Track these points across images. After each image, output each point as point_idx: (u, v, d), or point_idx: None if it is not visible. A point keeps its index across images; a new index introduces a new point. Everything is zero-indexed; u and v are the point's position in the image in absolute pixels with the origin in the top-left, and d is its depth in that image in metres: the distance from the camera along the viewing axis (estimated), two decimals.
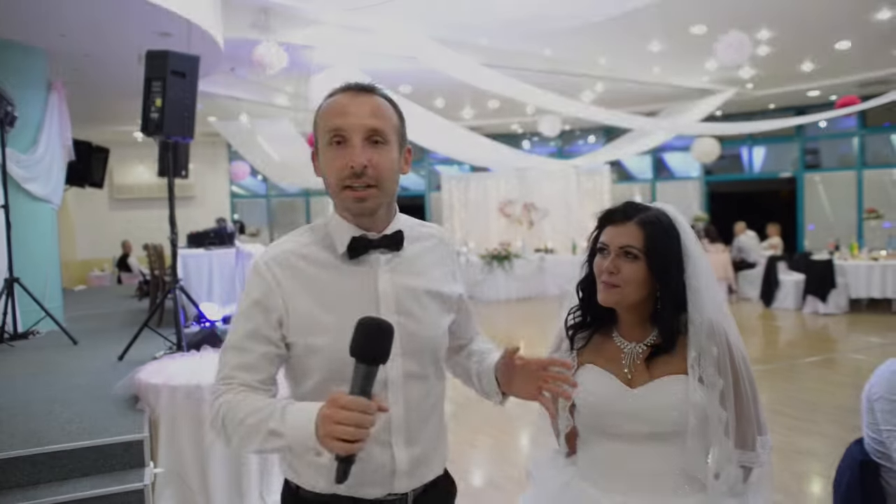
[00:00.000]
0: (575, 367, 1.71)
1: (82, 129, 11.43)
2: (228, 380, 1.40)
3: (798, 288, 10.67)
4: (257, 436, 1.30)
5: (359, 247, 1.44)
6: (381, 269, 1.46)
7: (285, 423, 1.27)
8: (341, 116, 1.39)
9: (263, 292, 1.42)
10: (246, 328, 1.41)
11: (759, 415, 1.62)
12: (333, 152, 1.40)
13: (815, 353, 7.71)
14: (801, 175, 14.13)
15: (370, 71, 8.93)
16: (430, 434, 1.54)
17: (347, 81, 1.46)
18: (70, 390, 4.12)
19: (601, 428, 1.66)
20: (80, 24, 5.94)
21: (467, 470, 4.50)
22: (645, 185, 15.94)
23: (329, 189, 1.44)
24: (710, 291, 1.60)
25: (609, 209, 1.69)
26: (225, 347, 1.44)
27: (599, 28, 8.47)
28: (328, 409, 1.19)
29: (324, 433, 1.19)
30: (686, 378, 1.57)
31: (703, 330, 1.57)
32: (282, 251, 1.45)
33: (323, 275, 1.44)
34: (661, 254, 1.58)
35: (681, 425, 1.56)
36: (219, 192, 15.93)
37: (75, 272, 13.55)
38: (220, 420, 1.36)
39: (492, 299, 12.99)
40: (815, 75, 11.19)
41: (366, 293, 1.44)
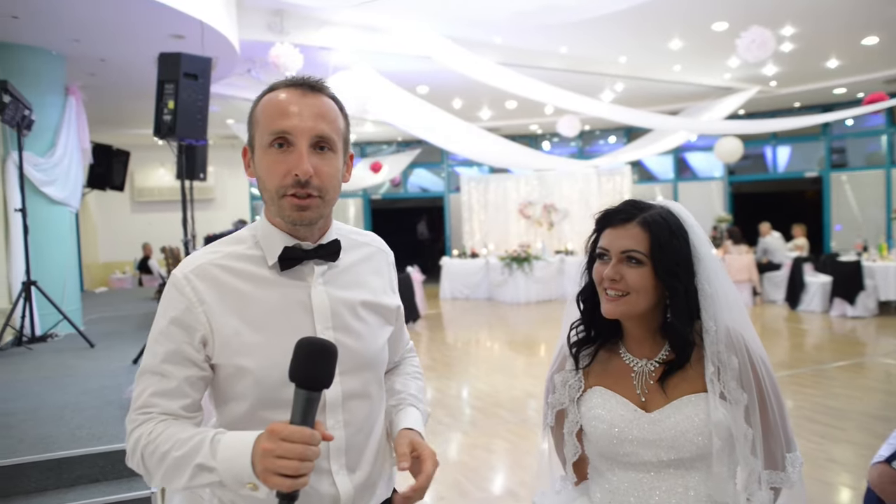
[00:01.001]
0: (581, 389, 1.57)
1: (103, 132, 11.55)
2: (147, 409, 1.25)
3: (825, 290, 10.43)
4: (184, 471, 1.17)
5: (292, 257, 1.32)
6: (315, 282, 1.34)
7: (216, 456, 1.14)
8: (286, 118, 1.26)
9: (183, 309, 1.27)
10: (165, 350, 1.27)
11: (788, 430, 1.46)
12: (275, 156, 1.27)
13: (842, 358, 7.50)
14: (827, 174, 13.85)
15: (386, 72, 8.91)
16: (374, 456, 1.43)
17: (299, 77, 1.33)
18: (82, 395, 4.10)
19: (615, 457, 1.49)
20: (94, 28, 5.96)
21: (484, 476, 4.41)
22: (667, 186, 15.74)
23: (264, 194, 1.31)
24: (726, 296, 1.44)
25: (608, 209, 1.53)
26: (141, 372, 1.29)
27: (618, 25, 8.35)
28: (268, 441, 1.08)
29: (263, 468, 1.08)
30: (706, 396, 1.42)
31: (719, 339, 1.42)
32: (203, 263, 1.31)
33: (250, 288, 1.30)
34: (668, 257, 1.42)
35: (705, 449, 1.41)
36: (239, 195, 15.99)
37: (97, 274, 13.68)
38: (139, 454, 1.23)
39: (511, 301, 12.88)
40: (841, 72, 10.94)
41: (298, 308, 1.32)
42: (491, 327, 10.77)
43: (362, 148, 16.71)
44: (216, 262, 1.31)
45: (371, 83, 8.55)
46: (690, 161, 15.86)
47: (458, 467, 4.50)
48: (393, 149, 16.64)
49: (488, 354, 8.77)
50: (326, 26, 8.01)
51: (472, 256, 14.21)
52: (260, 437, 1.10)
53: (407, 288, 10.65)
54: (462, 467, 4.50)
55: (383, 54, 8.71)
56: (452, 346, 9.31)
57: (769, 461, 1.45)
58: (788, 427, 1.47)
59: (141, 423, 1.25)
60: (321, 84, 1.32)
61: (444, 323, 11.37)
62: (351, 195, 16.66)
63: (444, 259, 14.28)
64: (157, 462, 1.19)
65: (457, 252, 14.71)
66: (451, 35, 8.23)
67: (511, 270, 13.02)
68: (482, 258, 13.90)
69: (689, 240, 1.46)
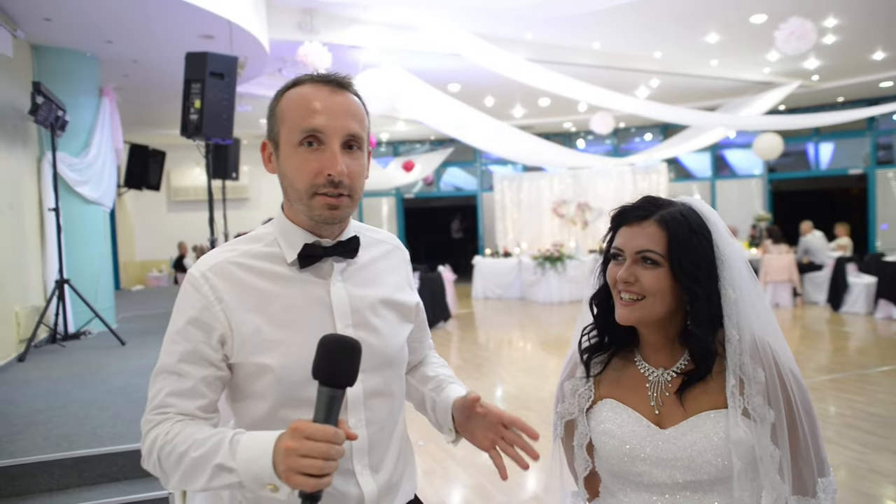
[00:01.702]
0: (591, 399, 1.46)
1: (139, 133, 11.75)
2: (163, 409, 1.23)
3: (869, 291, 10.08)
4: (203, 471, 1.14)
5: (311, 254, 1.31)
6: (335, 279, 1.33)
7: (236, 456, 1.12)
8: (317, 116, 1.24)
9: (201, 308, 1.25)
10: (182, 349, 1.25)
11: (821, 451, 1.33)
12: (305, 155, 1.25)
13: (888, 362, 7.22)
14: (872, 171, 13.40)
15: (417, 70, 8.86)
16: (397, 455, 1.41)
17: (317, 72, 1.34)
18: (108, 393, 4.13)
19: (626, 476, 1.37)
20: (125, 29, 6.02)
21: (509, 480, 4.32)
22: (704, 184, 15.41)
23: (291, 192, 1.29)
24: (752, 302, 1.31)
25: (623, 206, 1.41)
26: (157, 372, 1.27)
27: (653, 20, 8.17)
28: (291, 440, 1.04)
29: (287, 467, 1.04)
30: (727, 412, 1.29)
31: (743, 350, 1.29)
32: (221, 260, 1.29)
33: (269, 286, 1.29)
34: (687, 257, 1.30)
35: (725, 472, 1.28)
36: (273, 194, 16.11)
37: (134, 273, 13.93)
38: (156, 455, 1.20)
39: (544, 301, 12.74)
40: (887, 64, 10.55)
41: (318, 305, 1.31)
42: (523, 327, 10.65)
43: (395, 147, 16.72)
44: (234, 259, 1.30)
45: (400, 81, 8.51)
46: (729, 158, 15.50)
47: (482, 470, 4.42)
48: (426, 147, 16.61)
49: (519, 355, 8.66)
50: (356, 24, 8.00)
51: (505, 256, 14.10)
52: (282, 436, 1.08)
53: (438, 287, 10.60)
54: (486, 470, 4.42)
55: (413, 52, 8.67)
56: (484, 346, 9.23)
57: (798, 486, 1.32)
58: (822, 448, 1.34)
59: (157, 423, 1.23)
60: (347, 81, 1.31)
61: (476, 323, 11.29)
62: (384, 194, 16.68)
63: (476, 258, 14.21)
64: (175, 463, 1.18)
65: (489, 251, 14.61)
66: (481, 31, 8.14)
67: (544, 270, 12.88)
68: (515, 257, 13.79)
69: (713, 239, 1.33)
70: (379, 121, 12.62)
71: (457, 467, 4.53)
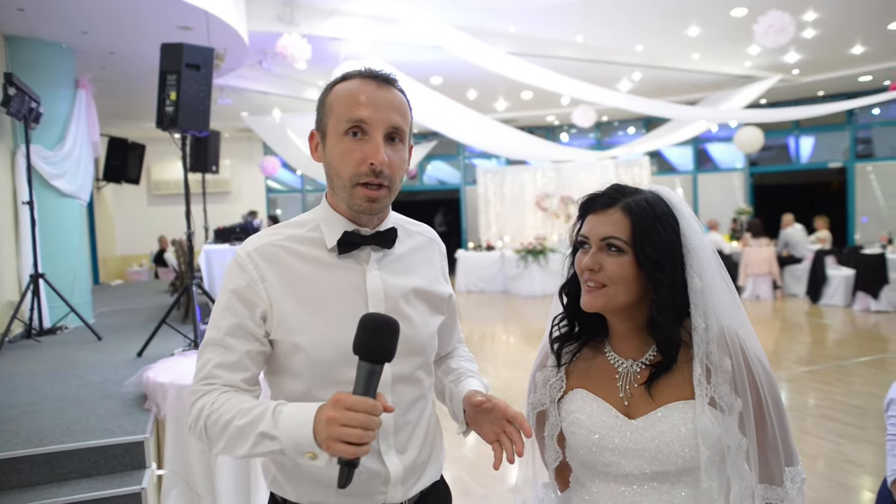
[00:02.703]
0: (563, 389, 1.45)
1: (118, 125, 11.60)
2: (210, 380, 1.31)
3: (847, 284, 10.19)
4: (247, 439, 1.22)
5: (350, 242, 1.37)
6: (371, 267, 1.39)
7: (278, 425, 1.19)
8: (363, 107, 1.31)
9: (246, 285, 1.33)
10: (228, 324, 1.33)
11: (789, 440, 1.33)
12: (350, 144, 1.31)
13: (865, 354, 7.30)
14: (852, 165, 13.52)
15: (398, 63, 8.81)
16: (423, 439, 1.47)
17: (367, 67, 1.37)
18: (83, 388, 4.08)
19: (595, 466, 1.37)
20: (101, 20, 5.94)
21: (488, 473, 4.32)
22: (686, 177, 15.49)
23: (336, 181, 1.35)
24: (719, 292, 1.31)
25: (591, 194, 1.40)
26: (205, 344, 1.35)
27: (635, 13, 8.17)
28: (332, 410, 1.12)
29: (327, 436, 1.12)
30: (695, 403, 1.29)
31: (710, 339, 1.29)
32: (265, 243, 1.37)
33: (308, 269, 1.36)
34: (651, 245, 1.29)
35: (692, 462, 1.28)
36: (255, 187, 16.02)
37: (114, 267, 13.79)
38: (202, 423, 1.27)
39: (527, 294, 12.76)
40: (866, 59, 10.65)
41: (353, 291, 1.37)
42: (506, 321, 10.67)
43: None
44: (277, 242, 1.37)
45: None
46: (711, 152, 15.59)
47: (461, 463, 4.42)
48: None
49: (502, 348, 8.66)
50: (337, 16, 7.93)
51: (488, 249, 14.10)
52: (323, 407, 1.15)
53: None
54: (464, 463, 4.42)
55: (395, 45, 8.62)
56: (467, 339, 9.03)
57: (765, 475, 1.32)
58: (790, 437, 1.34)
59: (204, 393, 1.30)
60: (393, 77, 1.38)
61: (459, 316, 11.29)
62: None
63: (459, 252, 14.19)
64: (220, 431, 1.24)
65: (472, 245, 14.61)
66: (464, 24, 8.10)
67: (527, 263, 12.89)
68: (498, 251, 13.79)
69: (679, 228, 1.32)
70: None
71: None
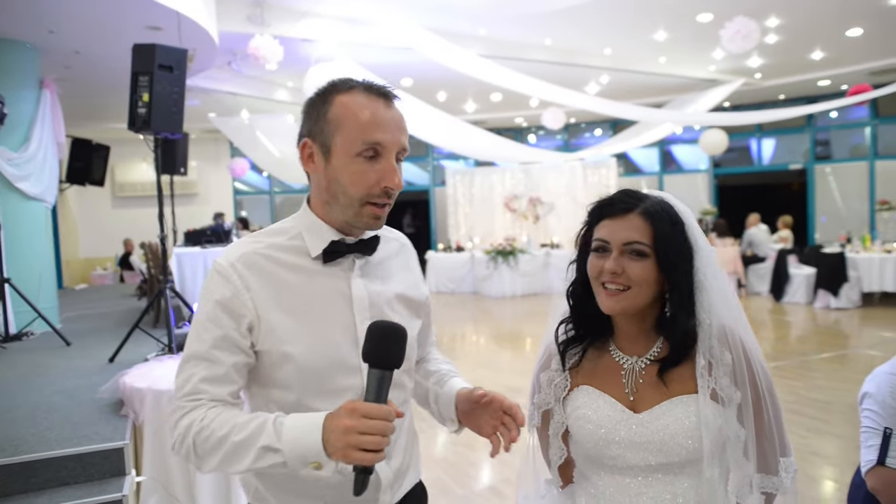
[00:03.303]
0: (568, 388, 1.50)
1: (82, 126, 11.37)
2: (195, 395, 1.27)
3: (809, 282, 10.47)
4: (247, 454, 1.20)
5: (335, 250, 1.37)
6: (355, 274, 1.39)
7: (281, 437, 1.18)
8: (380, 130, 1.31)
9: (231, 296, 1.30)
10: (213, 336, 1.29)
11: (783, 432, 1.40)
12: (364, 165, 1.31)
13: (826, 350, 7.52)
14: (811, 167, 13.90)
15: (369, 64, 8.80)
16: (406, 443, 1.51)
17: (371, 82, 1.35)
18: (55, 395, 4.00)
19: (601, 460, 1.42)
20: (68, 19, 5.83)
21: (466, 473, 4.36)
22: (652, 178, 15.74)
23: (342, 198, 1.33)
24: (721, 288, 1.39)
25: (604, 199, 1.44)
26: (187, 358, 1.30)
27: (603, 17, 8.29)
28: (349, 419, 1.13)
29: (346, 444, 1.13)
30: (697, 397, 1.35)
31: (713, 334, 1.36)
32: (248, 251, 1.34)
33: (293, 278, 1.35)
34: (673, 248, 1.36)
35: (695, 454, 1.33)
36: (222, 189, 15.83)
37: (77, 271, 13.50)
38: (190, 441, 1.24)
39: (497, 295, 12.84)
40: (825, 64, 10.96)
41: (339, 298, 1.37)
42: (476, 321, 10.72)
43: None
44: (260, 251, 1.35)
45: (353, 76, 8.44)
46: (676, 154, 15.87)
47: (441, 465, 4.45)
48: None
49: (473, 349, 8.72)
50: (308, 18, 7.90)
51: (458, 250, 14.15)
52: (334, 416, 1.15)
53: None
54: (444, 464, 4.45)
55: (366, 46, 8.62)
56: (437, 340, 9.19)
57: (762, 464, 1.38)
58: (784, 430, 1.41)
59: (190, 409, 1.26)
60: (396, 94, 1.38)
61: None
62: None
63: (429, 253, 14.22)
64: (213, 447, 1.21)
65: (442, 246, 14.65)
66: (435, 27, 8.14)
67: (496, 264, 12.98)
68: (467, 252, 13.85)
69: (686, 230, 1.40)
70: None
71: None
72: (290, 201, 17.04)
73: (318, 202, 1.39)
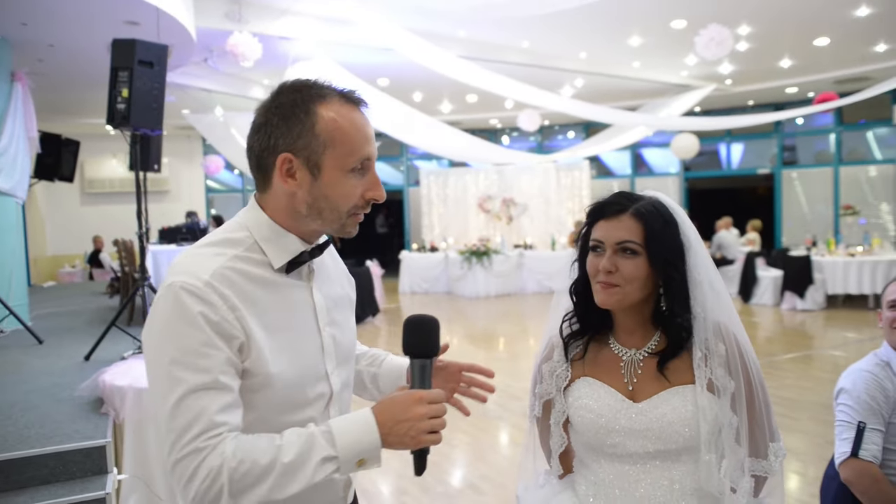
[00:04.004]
0: (569, 379, 1.57)
1: (52, 121, 11.15)
2: (214, 431, 1.13)
3: (776, 284, 10.71)
4: (302, 472, 1.14)
5: (300, 261, 1.32)
6: (314, 282, 1.36)
7: (336, 445, 1.17)
8: (369, 143, 1.31)
9: (219, 319, 1.18)
10: (217, 360, 1.16)
11: (772, 420, 1.49)
12: (356, 179, 1.29)
13: (793, 350, 7.72)
14: (779, 171, 14.22)
15: (346, 64, 8.80)
16: None
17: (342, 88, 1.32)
18: (31, 393, 3.95)
19: (601, 448, 1.49)
20: (43, 11, 5.74)
21: (445, 470, 4.40)
22: (624, 181, 15.95)
23: (330, 213, 1.28)
24: (713, 283, 1.47)
25: (600, 202, 1.52)
26: (187, 393, 1.13)
27: (580, 21, 8.40)
28: (420, 407, 1.20)
29: (419, 431, 1.19)
30: (694, 387, 1.43)
31: (707, 327, 1.44)
32: (217, 267, 1.22)
33: (262, 293, 1.26)
34: (662, 246, 1.43)
35: (691, 441, 1.41)
36: (194, 187, 15.66)
37: (45, 268, 13.24)
38: (223, 480, 1.10)
39: (471, 296, 12.90)
40: (793, 72, 11.23)
41: (305, 308, 1.33)
42: (450, 321, 10.76)
43: None
44: (228, 265, 1.24)
45: (331, 75, 8.43)
46: (647, 157, 16.11)
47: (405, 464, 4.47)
48: None
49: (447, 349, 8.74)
50: (287, 16, 7.87)
51: (432, 250, 14.19)
52: (395, 408, 1.20)
53: (366, 282, 10.57)
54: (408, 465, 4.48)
55: (344, 45, 8.61)
56: None
57: (752, 450, 1.46)
58: (773, 417, 1.50)
59: (212, 449, 1.12)
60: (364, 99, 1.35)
61: (404, 317, 11.30)
62: None
63: (403, 253, 14.23)
64: (258, 478, 1.12)
65: (416, 246, 14.67)
66: (414, 28, 8.17)
67: (470, 264, 13.04)
68: (441, 252, 13.89)
69: (680, 229, 1.47)
70: None
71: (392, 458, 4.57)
72: None
73: (285, 213, 1.30)
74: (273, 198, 1.30)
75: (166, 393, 1.14)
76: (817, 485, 2.48)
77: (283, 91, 1.29)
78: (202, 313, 1.17)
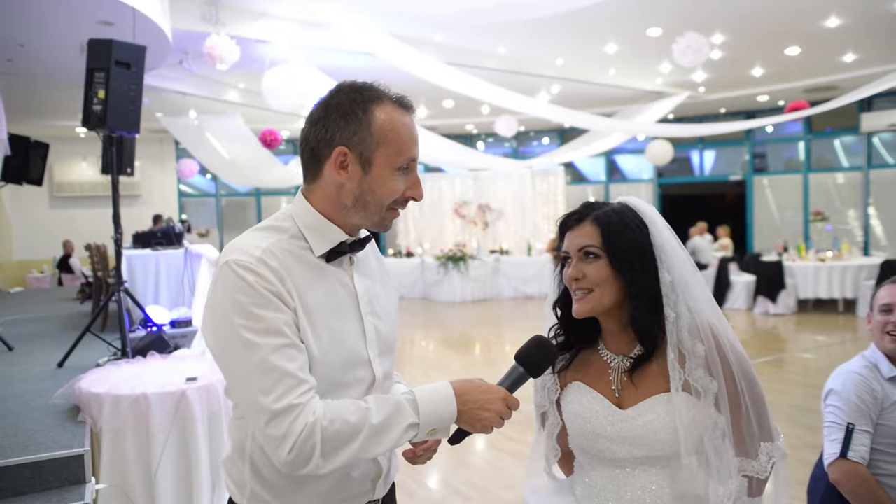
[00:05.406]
0: (558, 391, 1.59)
1: (20, 123, 10.92)
2: (303, 387, 1.23)
3: (749, 289, 10.88)
4: (390, 434, 1.27)
5: (339, 250, 1.41)
6: (354, 271, 1.45)
7: (419, 413, 1.28)
8: (416, 145, 1.40)
9: (273, 287, 1.28)
10: (285, 321, 1.27)
11: (765, 418, 1.47)
12: (401, 177, 1.38)
13: (766, 354, 7.84)
14: (750, 178, 14.45)
15: (324, 67, 8.74)
16: None
17: (397, 94, 1.41)
18: (3, 400, 3.84)
19: (592, 452, 1.51)
20: (12, 10, 5.60)
21: (428, 476, 4.38)
22: (598, 187, 16.08)
23: (373, 206, 1.38)
24: (687, 283, 1.46)
25: (566, 214, 1.56)
26: (271, 351, 1.22)
27: (556, 28, 8.45)
28: (501, 405, 1.33)
29: (489, 422, 1.32)
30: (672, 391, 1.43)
31: (681, 327, 1.43)
32: (267, 246, 1.32)
33: (308, 275, 1.36)
34: (621, 247, 1.44)
35: (677, 447, 1.41)
36: (166, 191, 15.43)
37: (11, 274, 12.93)
38: (317, 438, 1.20)
39: (447, 301, 12.90)
40: (764, 80, 11.43)
41: (346, 294, 1.41)
42: (426, 327, 10.75)
43: (296, 145, 16.39)
44: (277, 245, 1.34)
45: (309, 79, 8.37)
46: (621, 164, 16.26)
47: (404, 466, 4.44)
48: None
49: (424, 354, 8.74)
50: (264, 18, 7.80)
51: (408, 255, 14.16)
52: (477, 395, 1.32)
53: None
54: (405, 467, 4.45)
55: (322, 49, 8.55)
56: None
57: (741, 449, 1.46)
58: (766, 416, 1.48)
59: (304, 405, 1.22)
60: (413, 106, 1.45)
61: None
62: (285, 193, 16.32)
63: None
64: (349, 437, 1.23)
65: (392, 251, 14.63)
66: (392, 31, 8.15)
67: (446, 270, 13.04)
68: (417, 257, 13.88)
69: (650, 231, 1.47)
70: (282, 117, 12.36)
71: None
72: (236, 204, 16.73)
73: (331, 204, 1.39)
74: (320, 189, 1.39)
75: (244, 360, 1.23)
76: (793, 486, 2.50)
77: (342, 90, 1.39)
78: (259, 282, 1.26)
